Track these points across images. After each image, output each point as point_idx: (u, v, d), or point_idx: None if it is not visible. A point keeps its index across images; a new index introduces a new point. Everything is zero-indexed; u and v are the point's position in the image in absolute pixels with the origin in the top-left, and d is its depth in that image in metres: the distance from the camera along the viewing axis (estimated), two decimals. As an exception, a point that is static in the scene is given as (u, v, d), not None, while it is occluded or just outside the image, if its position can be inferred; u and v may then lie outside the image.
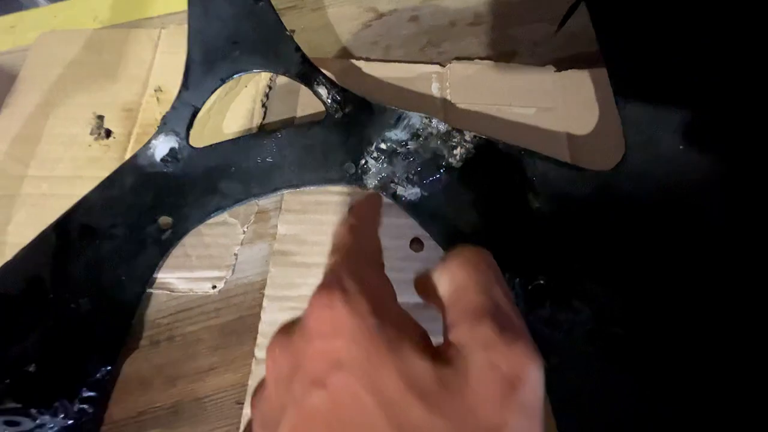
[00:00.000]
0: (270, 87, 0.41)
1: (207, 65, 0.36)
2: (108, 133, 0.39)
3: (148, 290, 0.33)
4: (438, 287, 0.20)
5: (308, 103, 0.38)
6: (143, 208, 0.34)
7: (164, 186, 0.34)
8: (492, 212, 0.32)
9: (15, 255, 0.32)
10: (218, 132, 0.38)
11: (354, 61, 0.41)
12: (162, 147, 0.35)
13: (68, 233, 0.33)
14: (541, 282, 0.29)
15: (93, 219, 0.33)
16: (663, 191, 0.30)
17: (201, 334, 0.32)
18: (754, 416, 0.26)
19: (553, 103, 0.38)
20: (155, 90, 0.40)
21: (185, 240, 0.34)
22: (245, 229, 0.35)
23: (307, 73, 0.36)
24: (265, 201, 0.36)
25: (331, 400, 0.16)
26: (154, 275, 0.33)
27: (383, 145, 0.34)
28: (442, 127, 0.34)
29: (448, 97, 0.39)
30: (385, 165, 0.34)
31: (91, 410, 0.29)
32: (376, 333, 0.16)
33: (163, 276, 0.34)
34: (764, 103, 0.31)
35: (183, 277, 0.34)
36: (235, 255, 0.34)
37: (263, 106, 0.40)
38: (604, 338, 0.28)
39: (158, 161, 0.35)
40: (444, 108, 0.39)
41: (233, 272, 0.34)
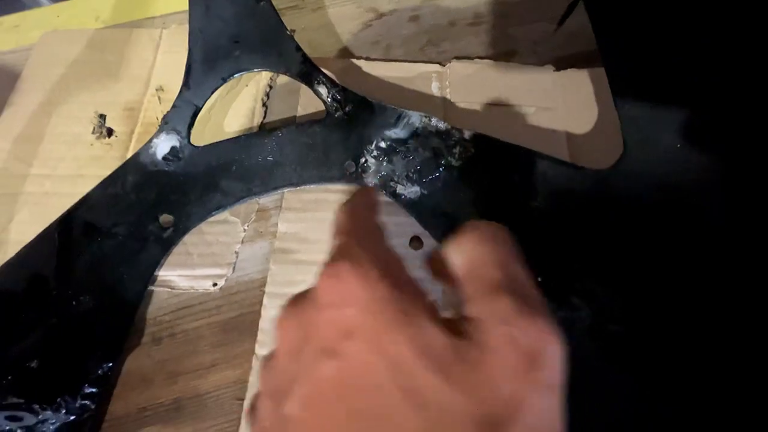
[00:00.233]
0: (271, 86, 0.41)
1: (208, 64, 0.36)
2: (110, 132, 0.39)
3: (150, 288, 0.33)
4: (451, 262, 0.19)
5: (309, 102, 0.39)
6: (145, 207, 0.34)
7: (166, 184, 0.35)
8: (491, 210, 0.32)
9: (18, 252, 0.32)
10: (219, 131, 0.39)
11: (354, 61, 0.41)
12: (163, 146, 0.35)
13: (70, 231, 0.33)
14: (540, 280, 0.29)
15: (95, 217, 0.34)
16: (661, 189, 0.31)
17: (202, 331, 0.33)
18: (754, 416, 0.27)
19: (553, 103, 0.38)
20: (157, 89, 0.41)
21: (186, 238, 0.34)
22: (246, 227, 0.35)
23: (308, 73, 0.36)
24: (266, 199, 0.36)
25: (343, 369, 0.15)
26: (156, 273, 0.34)
27: (383, 144, 0.35)
28: (442, 126, 0.34)
29: (448, 96, 0.39)
30: (385, 163, 0.34)
31: (93, 406, 0.29)
32: (388, 301, 0.16)
33: (165, 273, 0.34)
34: (762, 102, 0.31)
35: (184, 275, 0.34)
36: (236, 253, 0.35)
37: (264, 105, 0.40)
38: (603, 336, 0.29)
39: (160, 160, 0.35)
40: (444, 107, 0.39)
41: (234, 270, 0.34)
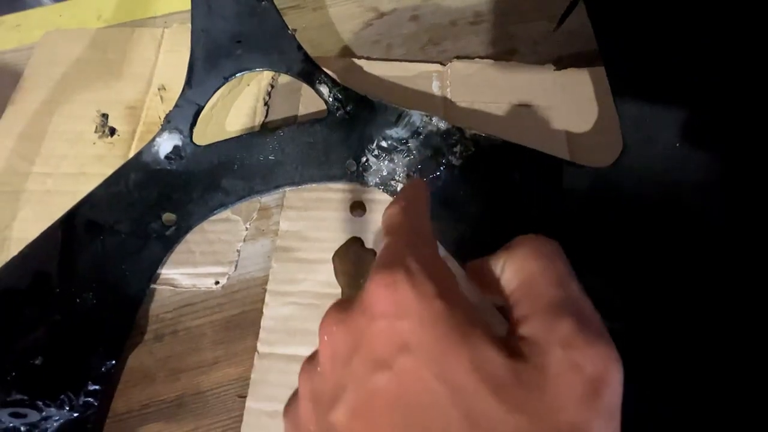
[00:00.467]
0: (272, 85, 0.41)
1: (210, 64, 0.37)
2: (112, 131, 0.39)
3: (153, 286, 0.34)
4: (501, 276, 0.19)
5: (310, 102, 0.39)
6: (147, 205, 0.34)
7: (168, 183, 0.35)
8: (491, 209, 0.32)
9: (21, 250, 0.32)
10: (221, 130, 0.39)
11: (355, 60, 0.41)
12: (166, 145, 0.35)
13: (73, 229, 0.33)
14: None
15: (98, 215, 0.34)
16: (660, 188, 0.31)
17: (204, 329, 0.33)
18: (754, 416, 0.27)
19: (553, 101, 0.38)
20: (159, 88, 0.41)
21: (189, 236, 0.35)
22: (248, 226, 0.36)
23: (309, 72, 0.36)
24: (267, 198, 0.36)
25: (397, 383, 0.15)
26: (158, 271, 0.34)
27: (384, 143, 0.35)
28: (443, 125, 0.34)
29: (449, 96, 0.39)
30: (386, 162, 0.34)
31: (96, 403, 0.29)
32: (444, 317, 0.16)
33: (167, 271, 0.34)
34: (761, 102, 0.32)
35: (186, 273, 0.34)
36: (238, 251, 0.35)
37: (265, 105, 0.40)
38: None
39: (162, 159, 0.35)
40: (444, 106, 0.39)
41: (236, 268, 0.34)
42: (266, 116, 0.40)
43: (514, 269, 0.18)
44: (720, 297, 0.29)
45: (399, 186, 0.34)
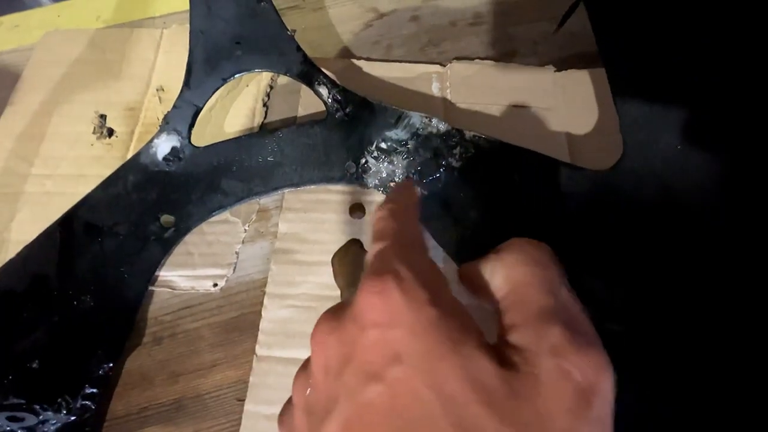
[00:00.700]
0: (271, 86, 0.41)
1: (209, 65, 0.36)
2: (111, 132, 0.39)
3: (151, 288, 0.34)
4: (491, 281, 0.19)
5: (309, 103, 0.39)
6: (146, 207, 0.34)
7: (166, 184, 0.35)
8: (491, 212, 0.32)
9: (19, 252, 0.32)
10: (220, 131, 0.39)
11: (355, 61, 0.41)
12: (164, 146, 0.35)
13: (72, 231, 0.33)
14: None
15: (96, 217, 0.34)
16: (661, 190, 0.30)
17: (203, 331, 0.33)
18: (754, 416, 0.27)
19: (553, 103, 0.38)
20: (157, 89, 0.41)
21: (187, 238, 0.34)
22: (246, 228, 0.35)
23: (309, 73, 0.36)
24: (266, 199, 0.36)
25: (389, 395, 0.15)
26: (157, 273, 0.34)
27: (384, 145, 0.35)
28: (442, 127, 0.34)
29: (449, 97, 0.39)
30: (386, 164, 0.34)
31: (94, 406, 0.29)
32: (436, 325, 0.16)
33: (166, 274, 0.34)
34: (763, 103, 0.31)
35: (185, 275, 0.34)
36: (237, 253, 0.35)
37: (264, 106, 0.40)
38: (603, 335, 0.29)
39: (160, 160, 0.35)
40: (444, 107, 0.39)
41: (235, 270, 0.34)
42: (265, 117, 0.40)
43: (504, 276, 0.18)
44: (720, 299, 0.29)
45: (398, 188, 0.34)
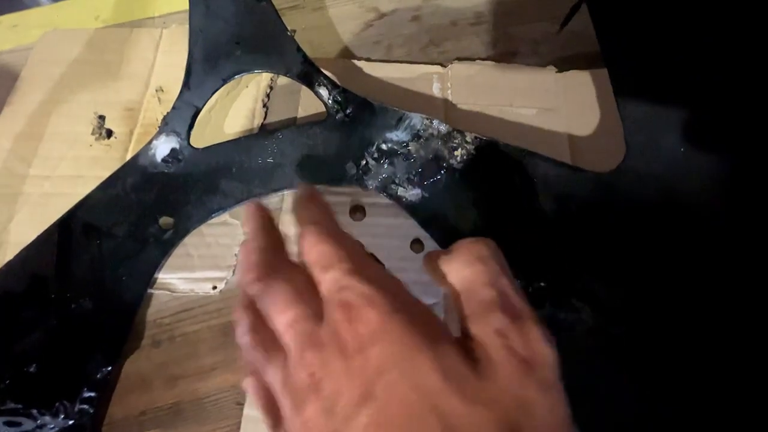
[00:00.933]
0: (271, 87, 0.41)
1: (208, 65, 0.36)
2: (109, 133, 0.39)
3: (150, 290, 0.33)
4: (447, 278, 0.21)
5: (309, 104, 0.38)
6: (145, 208, 0.34)
7: (165, 186, 0.34)
8: (492, 213, 0.32)
9: (17, 254, 0.32)
10: (219, 132, 0.39)
11: (355, 62, 0.41)
12: (163, 147, 0.35)
13: (70, 232, 0.33)
14: (542, 285, 0.29)
15: (95, 218, 0.33)
16: (664, 193, 0.30)
17: (202, 334, 0.32)
18: (755, 416, 0.26)
19: (555, 104, 0.38)
20: (156, 90, 0.40)
21: (186, 240, 0.34)
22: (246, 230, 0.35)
23: (309, 74, 0.36)
24: (266, 201, 0.36)
25: (382, 408, 0.16)
26: (156, 275, 0.33)
27: (384, 146, 0.34)
28: (443, 128, 0.34)
29: (449, 98, 0.39)
30: (386, 166, 0.34)
31: (92, 410, 0.29)
32: (408, 330, 0.17)
33: (165, 276, 0.34)
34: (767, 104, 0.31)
35: (184, 278, 0.34)
36: (236, 255, 0.34)
37: (264, 107, 0.40)
38: (605, 337, 0.28)
39: (159, 161, 0.35)
40: (445, 108, 0.38)
41: (234, 273, 0.34)
42: (265, 118, 0.39)
43: (454, 275, 0.21)
44: (722, 301, 0.29)
45: (399, 189, 0.33)
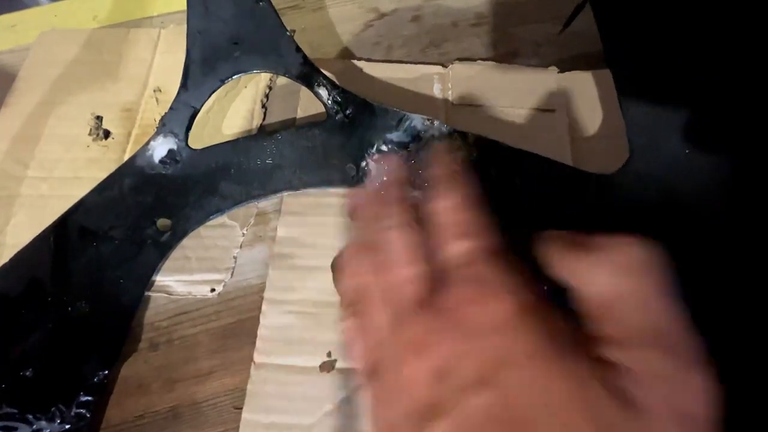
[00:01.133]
0: (270, 87, 0.40)
1: (206, 66, 0.36)
2: (107, 134, 0.39)
3: (147, 293, 0.33)
4: (583, 278, 0.18)
5: (309, 104, 0.38)
6: (142, 210, 0.33)
7: (163, 188, 0.34)
8: (493, 215, 0.32)
9: (13, 257, 0.32)
10: (217, 133, 0.38)
11: (355, 62, 0.40)
12: (161, 149, 0.34)
13: (67, 235, 0.33)
14: (545, 288, 0.29)
15: (91, 221, 0.33)
16: (668, 196, 0.30)
17: (200, 337, 0.32)
18: (754, 416, 0.26)
19: (556, 105, 0.37)
20: (154, 90, 0.40)
21: (184, 242, 0.34)
22: (245, 232, 0.35)
23: (308, 74, 0.36)
24: (265, 203, 0.36)
25: (498, 399, 0.15)
26: (153, 278, 0.33)
27: (384, 147, 0.34)
28: (444, 129, 0.34)
29: (450, 99, 0.38)
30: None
31: (89, 414, 0.29)
32: (540, 330, 0.16)
33: (162, 279, 0.33)
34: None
35: (182, 280, 0.33)
36: (235, 257, 0.34)
37: (263, 107, 0.39)
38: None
39: (157, 163, 0.34)
40: (446, 109, 0.38)
41: (232, 275, 0.34)
42: (264, 119, 0.39)
43: (598, 280, 0.18)
44: (724, 302, 0.28)
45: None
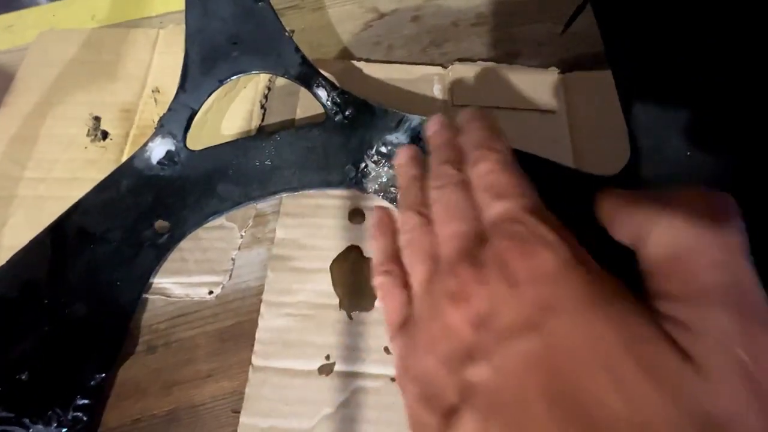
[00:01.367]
0: (269, 88, 0.40)
1: (205, 66, 0.36)
2: (105, 135, 0.38)
3: (145, 295, 0.33)
4: (648, 235, 0.17)
5: (308, 105, 0.38)
6: (140, 212, 0.33)
7: (161, 189, 0.34)
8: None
9: (10, 258, 0.32)
10: (216, 134, 0.38)
11: (355, 62, 0.40)
12: (159, 150, 0.34)
13: (64, 237, 0.32)
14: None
15: (89, 222, 0.33)
16: (669, 198, 0.30)
17: (198, 340, 0.32)
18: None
19: (557, 106, 0.37)
20: (153, 91, 0.40)
21: (182, 244, 0.34)
22: (243, 233, 0.35)
23: (307, 75, 0.35)
24: (264, 204, 0.35)
25: (544, 344, 0.15)
26: (151, 280, 0.33)
27: (384, 149, 0.34)
28: (444, 130, 0.33)
29: (450, 100, 0.38)
30: (386, 169, 0.33)
31: (86, 418, 0.28)
32: (586, 282, 0.16)
33: (160, 281, 0.33)
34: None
35: (180, 282, 0.33)
36: (233, 259, 0.34)
37: (262, 108, 0.39)
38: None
39: (155, 164, 0.34)
40: (446, 110, 0.38)
41: (231, 277, 0.33)
42: (263, 120, 0.39)
43: (664, 233, 0.16)
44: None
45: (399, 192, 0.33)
